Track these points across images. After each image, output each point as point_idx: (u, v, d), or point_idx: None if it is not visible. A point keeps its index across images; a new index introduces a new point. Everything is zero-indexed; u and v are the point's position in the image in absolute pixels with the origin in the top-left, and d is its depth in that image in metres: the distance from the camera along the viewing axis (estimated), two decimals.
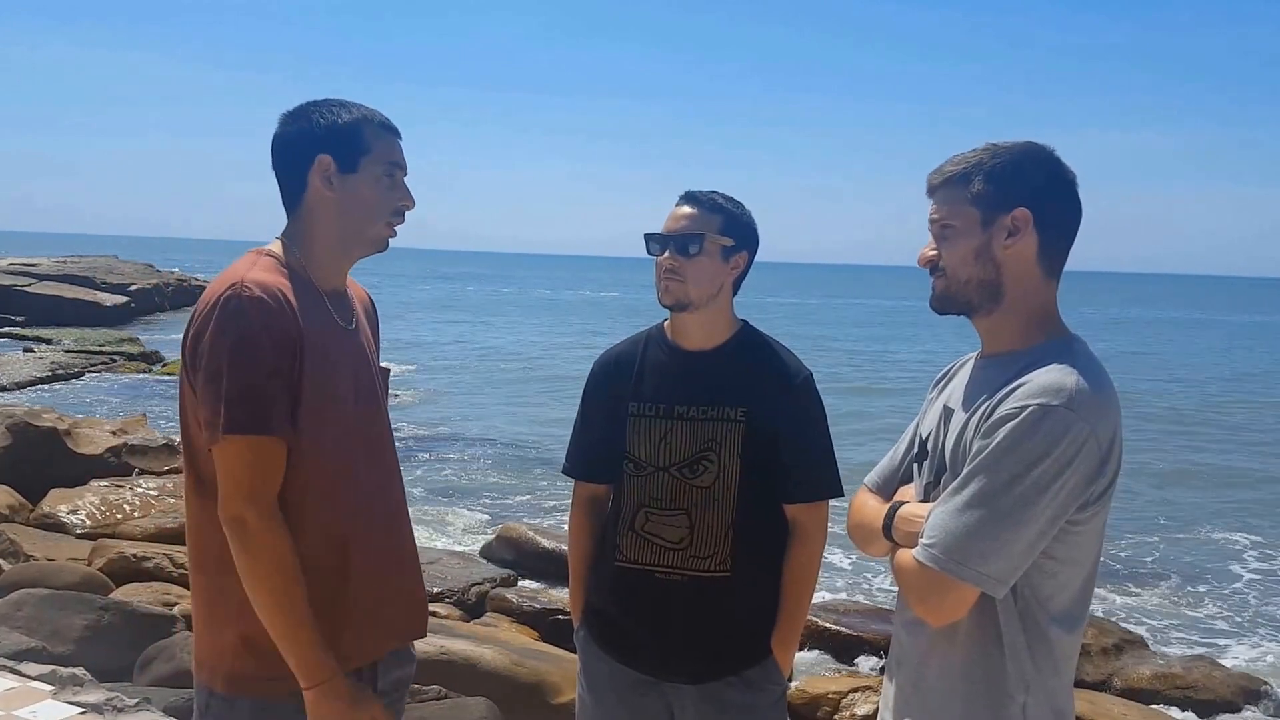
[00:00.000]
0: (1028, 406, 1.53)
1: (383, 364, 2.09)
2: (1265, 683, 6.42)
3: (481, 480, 12.17)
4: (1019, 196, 1.63)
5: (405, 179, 1.95)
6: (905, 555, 1.64)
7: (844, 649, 6.52)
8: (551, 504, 10.86)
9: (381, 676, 1.97)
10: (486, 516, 10.39)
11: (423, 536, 9.53)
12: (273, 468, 1.77)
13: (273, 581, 1.75)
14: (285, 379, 1.76)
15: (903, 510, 1.72)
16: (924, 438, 1.80)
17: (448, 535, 9.69)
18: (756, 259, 2.37)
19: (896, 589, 1.77)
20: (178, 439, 1.82)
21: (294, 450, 1.79)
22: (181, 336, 1.86)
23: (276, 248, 1.91)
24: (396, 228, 1.96)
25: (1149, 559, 9.89)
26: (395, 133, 1.94)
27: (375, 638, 1.94)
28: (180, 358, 1.85)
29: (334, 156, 1.87)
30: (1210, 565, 9.84)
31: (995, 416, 1.56)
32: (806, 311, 54.33)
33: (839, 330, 40.80)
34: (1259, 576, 9.51)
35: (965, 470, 1.58)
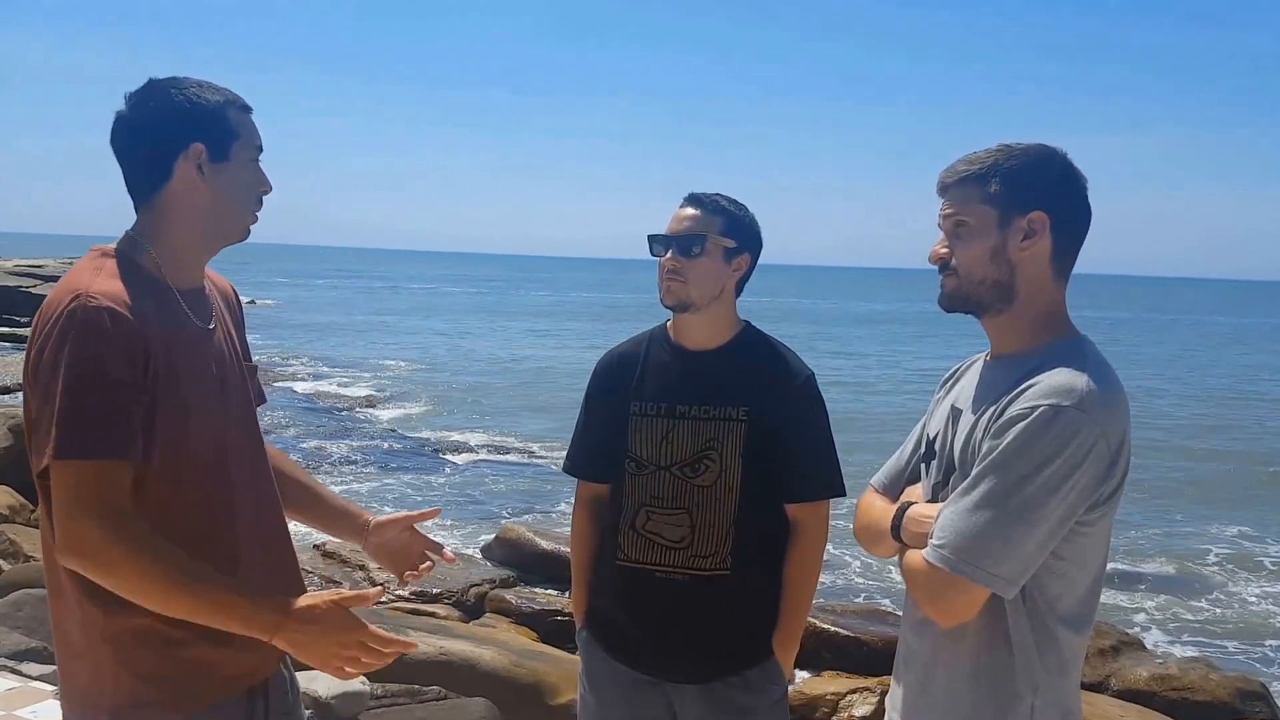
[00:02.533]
0: (1038, 407, 1.53)
1: (252, 360, 1.93)
2: (1262, 684, 6.42)
3: (481, 481, 12.16)
4: (1036, 199, 1.64)
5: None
6: (914, 556, 1.64)
7: (843, 650, 6.51)
8: (551, 505, 10.86)
9: (273, 692, 1.84)
10: (486, 518, 10.38)
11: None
12: (116, 490, 1.58)
13: (158, 587, 1.58)
14: (136, 395, 1.60)
15: (911, 510, 1.72)
16: (931, 438, 1.80)
17: (447, 536, 9.69)
18: (761, 261, 2.38)
19: (902, 590, 1.77)
20: None
21: (159, 470, 1.64)
22: (24, 355, 1.68)
23: (123, 246, 1.73)
24: (258, 214, 1.82)
25: (1146, 559, 9.90)
26: (251, 111, 1.79)
27: (261, 654, 1.74)
28: (24, 379, 1.66)
29: (206, 144, 1.71)
30: (1208, 566, 9.86)
31: (1005, 417, 1.56)
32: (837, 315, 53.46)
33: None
34: (1257, 577, 9.52)
35: (975, 470, 1.58)
